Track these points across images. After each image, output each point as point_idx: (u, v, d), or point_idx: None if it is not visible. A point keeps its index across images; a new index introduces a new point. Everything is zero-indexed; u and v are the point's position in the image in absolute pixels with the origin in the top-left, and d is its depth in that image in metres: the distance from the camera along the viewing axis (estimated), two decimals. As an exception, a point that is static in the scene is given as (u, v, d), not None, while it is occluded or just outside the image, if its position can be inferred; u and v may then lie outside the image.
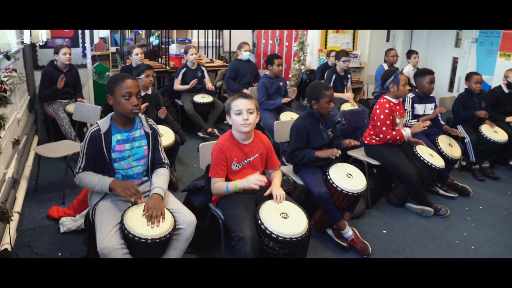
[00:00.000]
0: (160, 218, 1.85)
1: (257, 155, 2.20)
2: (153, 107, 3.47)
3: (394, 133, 3.01)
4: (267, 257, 2.01)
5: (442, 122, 3.62)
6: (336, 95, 4.31)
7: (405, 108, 3.41)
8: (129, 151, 2.02)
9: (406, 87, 3.03)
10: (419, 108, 3.49)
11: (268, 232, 1.89)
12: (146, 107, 3.35)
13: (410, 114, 3.45)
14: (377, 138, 3.13)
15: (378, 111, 3.04)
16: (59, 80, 3.81)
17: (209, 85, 4.79)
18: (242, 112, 2.04)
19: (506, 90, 4.09)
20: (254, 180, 2.00)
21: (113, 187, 1.90)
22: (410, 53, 5.19)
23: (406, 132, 3.03)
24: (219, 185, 2.12)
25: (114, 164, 2.00)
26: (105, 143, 1.95)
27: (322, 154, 2.55)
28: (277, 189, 2.11)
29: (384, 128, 3.00)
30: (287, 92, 4.44)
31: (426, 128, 3.03)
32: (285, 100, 4.13)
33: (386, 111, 3.01)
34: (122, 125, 2.01)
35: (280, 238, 1.88)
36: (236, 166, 2.15)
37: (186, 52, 4.72)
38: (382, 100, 3.08)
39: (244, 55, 4.84)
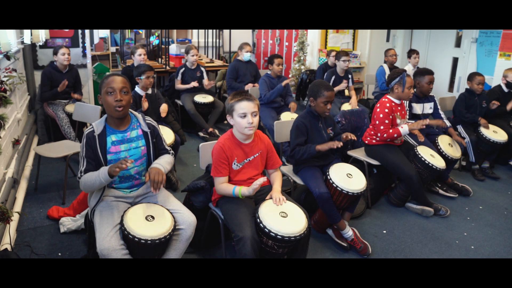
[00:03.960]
0: (164, 183, 1.89)
1: (257, 154, 2.20)
2: (153, 107, 3.46)
3: (391, 131, 2.99)
4: (267, 257, 2.01)
5: (449, 124, 3.53)
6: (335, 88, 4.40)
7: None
8: (125, 152, 1.99)
9: (411, 90, 3.02)
10: (417, 108, 3.48)
11: (267, 231, 1.89)
12: (147, 109, 3.34)
13: (408, 113, 3.45)
14: (377, 138, 3.13)
15: (378, 109, 3.04)
16: (60, 85, 3.83)
17: (205, 80, 4.78)
18: (247, 115, 2.03)
19: (505, 89, 4.10)
20: (254, 186, 1.98)
21: (110, 172, 1.80)
22: (410, 53, 5.19)
23: (404, 129, 2.98)
24: (225, 187, 2.10)
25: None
26: (99, 145, 1.93)
27: (323, 146, 2.54)
28: (276, 194, 2.10)
29: (382, 127, 3.00)
30: (290, 91, 4.45)
31: (424, 126, 2.98)
32: (285, 82, 4.17)
33: (386, 110, 3.00)
34: (116, 126, 1.99)
35: (278, 236, 1.88)
36: (237, 165, 2.15)
37: (187, 53, 4.71)
38: (383, 100, 3.08)
39: (245, 56, 4.83)
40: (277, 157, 2.30)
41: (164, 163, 2.02)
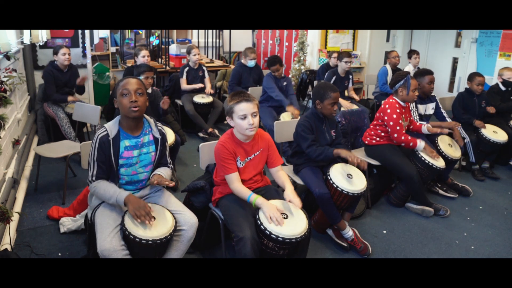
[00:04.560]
0: (167, 182, 1.91)
1: (258, 152, 2.20)
2: (152, 106, 3.46)
3: (409, 138, 2.98)
4: (267, 258, 2.01)
5: (448, 119, 3.61)
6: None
7: (410, 108, 3.40)
8: (136, 157, 1.98)
9: (416, 93, 3.02)
10: (421, 108, 3.49)
11: (268, 233, 1.89)
12: (146, 106, 3.32)
13: (417, 114, 3.45)
14: (378, 138, 3.12)
15: (389, 110, 3.01)
16: (79, 79, 3.94)
17: (208, 88, 4.78)
18: (247, 116, 2.03)
19: (502, 88, 4.11)
20: (273, 214, 1.92)
21: (126, 202, 1.83)
22: (411, 53, 5.19)
23: (420, 145, 2.98)
24: (241, 189, 2.06)
25: (121, 169, 1.96)
26: (113, 149, 1.91)
27: (343, 154, 2.49)
28: (294, 197, 2.05)
29: (398, 128, 2.98)
30: (291, 90, 4.43)
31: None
32: (290, 109, 4.01)
33: (398, 110, 2.99)
34: (130, 130, 1.97)
35: (279, 238, 1.88)
36: (241, 163, 2.15)
37: (188, 53, 4.72)
38: (391, 100, 3.06)
39: (249, 63, 4.82)
40: (278, 154, 2.28)
41: (165, 173, 2.04)
